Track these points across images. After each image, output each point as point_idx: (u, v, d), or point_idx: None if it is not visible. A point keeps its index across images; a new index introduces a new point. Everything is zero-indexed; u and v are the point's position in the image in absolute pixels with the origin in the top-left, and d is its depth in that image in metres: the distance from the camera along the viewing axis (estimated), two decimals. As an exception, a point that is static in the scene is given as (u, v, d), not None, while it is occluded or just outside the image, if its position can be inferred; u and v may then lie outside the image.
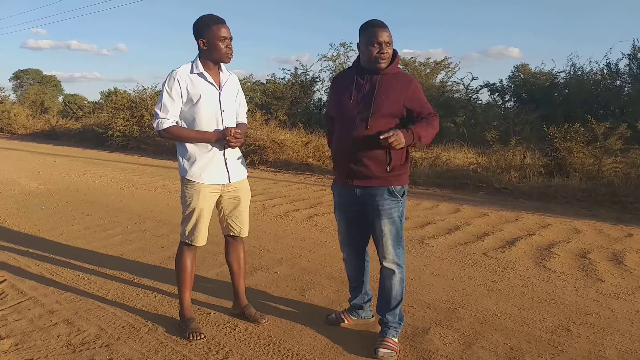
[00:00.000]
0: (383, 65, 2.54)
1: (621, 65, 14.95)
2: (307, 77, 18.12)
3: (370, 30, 2.51)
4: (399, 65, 2.70)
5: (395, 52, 2.61)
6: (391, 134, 2.36)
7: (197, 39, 2.71)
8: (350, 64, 2.87)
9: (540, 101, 14.63)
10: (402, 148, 2.45)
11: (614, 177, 7.62)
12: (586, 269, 4.04)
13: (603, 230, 5.41)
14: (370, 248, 2.85)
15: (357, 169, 2.59)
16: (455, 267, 4.10)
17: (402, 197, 2.64)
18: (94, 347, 2.69)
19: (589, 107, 13.15)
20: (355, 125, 2.55)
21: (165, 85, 2.69)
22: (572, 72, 15.36)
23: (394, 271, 2.67)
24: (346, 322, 2.98)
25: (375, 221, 2.64)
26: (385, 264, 2.68)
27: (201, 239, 2.85)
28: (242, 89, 3.10)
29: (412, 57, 17.13)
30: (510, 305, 3.31)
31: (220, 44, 2.68)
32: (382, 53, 2.50)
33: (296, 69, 18.30)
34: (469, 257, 4.39)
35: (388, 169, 2.55)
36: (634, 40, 14.83)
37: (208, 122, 2.74)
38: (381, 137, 2.37)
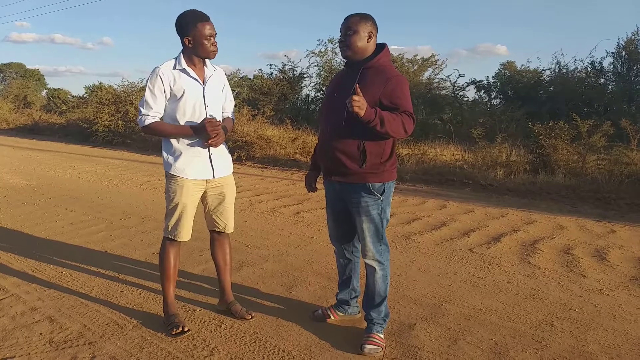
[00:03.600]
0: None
1: (605, 64, 15.16)
2: (295, 72, 18.01)
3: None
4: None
5: (380, 46, 2.61)
6: (361, 95, 2.32)
7: (181, 37, 2.69)
8: (338, 60, 2.88)
9: (526, 99, 14.75)
10: (360, 116, 2.32)
11: (597, 174, 7.73)
12: (570, 265, 4.09)
13: (587, 226, 5.48)
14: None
15: (333, 165, 2.61)
16: (441, 263, 4.12)
17: (381, 194, 2.59)
18: (77, 344, 2.65)
19: (573, 105, 13.29)
20: (332, 120, 2.58)
21: (148, 82, 2.69)
22: (557, 70, 15.53)
23: (375, 268, 2.67)
24: (332, 317, 2.98)
25: (356, 218, 2.64)
26: (366, 260, 2.69)
27: (185, 234, 2.83)
28: (229, 84, 3.07)
29: (400, 54, 17.15)
30: (495, 300, 3.34)
31: (205, 42, 2.66)
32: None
33: (284, 64, 18.15)
34: (455, 253, 4.42)
35: (363, 165, 2.52)
36: (618, 39, 15.07)
37: (192, 117, 2.72)
38: (356, 85, 2.35)
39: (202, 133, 2.69)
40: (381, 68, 2.55)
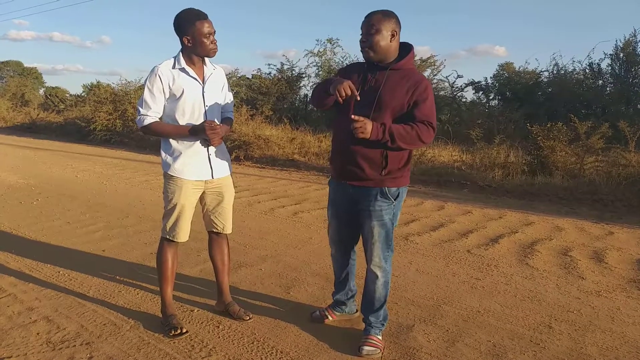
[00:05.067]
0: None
1: (603, 65, 15.14)
2: (293, 72, 18.01)
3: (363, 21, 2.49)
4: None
5: (409, 47, 2.55)
6: (360, 119, 2.31)
7: (180, 36, 2.67)
8: (336, 60, 2.82)
9: (524, 100, 14.75)
10: (366, 138, 2.35)
11: (595, 175, 7.74)
12: (568, 267, 4.09)
13: (584, 228, 5.48)
14: (358, 245, 2.83)
15: (351, 169, 2.53)
16: (439, 264, 4.12)
17: (395, 199, 2.57)
18: (74, 345, 2.64)
19: (571, 107, 13.29)
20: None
21: (147, 82, 2.67)
22: (555, 72, 15.53)
23: (378, 275, 2.63)
24: (330, 318, 2.97)
25: (366, 222, 2.59)
26: (371, 266, 2.64)
27: (182, 235, 2.82)
28: (228, 83, 3.06)
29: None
30: (493, 302, 3.34)
31: (205, 40, 2.65)
32: None
33: (282, 64, 18.14)
34: (453, 254, 4.42)
35: (383, 172, 2.49)
36: (616, 41, 15.06)
37: (191, 116, 2.72)
38: (352, 116, 2.32)
39: (201, 135, 2.68)
40: (408, 70, 2.49)
